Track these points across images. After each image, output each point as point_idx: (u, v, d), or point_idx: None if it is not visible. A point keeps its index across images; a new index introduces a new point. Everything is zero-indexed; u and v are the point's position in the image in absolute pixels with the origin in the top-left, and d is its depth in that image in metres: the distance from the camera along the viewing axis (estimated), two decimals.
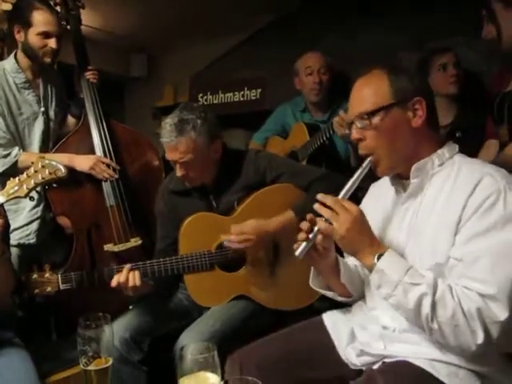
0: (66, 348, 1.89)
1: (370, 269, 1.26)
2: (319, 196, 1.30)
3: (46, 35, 2.27)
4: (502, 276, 1.14)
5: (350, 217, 1.24)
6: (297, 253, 1.32)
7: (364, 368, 1.36)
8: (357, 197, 1.43)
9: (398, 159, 1.34)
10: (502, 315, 1.12)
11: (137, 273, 1.78)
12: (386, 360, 1.31)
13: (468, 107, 2.45)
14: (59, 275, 1.80)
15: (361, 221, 1.27)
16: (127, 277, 1.76)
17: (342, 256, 1.51)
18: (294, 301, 1.95)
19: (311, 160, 2.58)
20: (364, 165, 1.35)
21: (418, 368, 1.23)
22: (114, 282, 1.77)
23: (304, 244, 1.31)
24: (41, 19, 2.26)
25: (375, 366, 1.33)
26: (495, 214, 1.17)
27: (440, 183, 1.30)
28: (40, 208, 2.44)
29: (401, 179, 1.40)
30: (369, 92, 1.33)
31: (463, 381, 1.21)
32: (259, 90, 3.76)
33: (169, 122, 1.85)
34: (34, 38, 2.27)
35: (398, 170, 1.38)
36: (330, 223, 1.26)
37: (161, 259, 1.87)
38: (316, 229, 1.30)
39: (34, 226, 2.43)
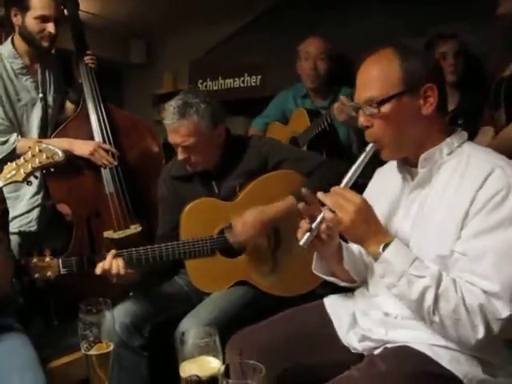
0: (66, 333, 1.89)
1: (376, 258, 1.24)
2: (319, 194, 1.27)
3: (43, 19, 2.23)
4: (506, 274, 1.13)
5: (354, 207, 1.22)
6: (301, 242, 1.30)
7: (365, 353, 1.36)
8: (357, 184, 1.40)
9: (405, 146, 1.31)
10: (504, 312, 1.12)
11: (120, 260, 1.75)
12: (388, 345, 1.31)
13: (470, 94, 2.43)
14: (59, 259, 1.79)
15: (365, 210, 1.24)
16: (111, 264, 1.74)
17: (346, 241, 1.49)
18: (296, 286, 1.95)
19: (312, 146, 2.56)
20: (367, 150, 1.31)
21: (419, 353, 1.23)
22: (98, 270, 1.75)
23: (308, 234, 1.30)
24: (39, 2, 2.21)
25: (376, 352, 1.33)
26: (504, 210, 1.15)
27: (448, 174, 1.27)
28: (40, 195, 2.43)
29: (408, 166, 1.36)
30: (378, 75, 1.26)
31: (465, 366, 1.21)
32: (259, 77, 3.74)
33: (172, 105, 1.84)
34: (31, 21, 2.23)
35: (404, 155, 1.34)
36: (334, 214, 1.23)
37: (162, 244, 1.86)
38: (319, 218, 1.29)
39: (35, 213, 2.42)
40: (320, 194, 1.26)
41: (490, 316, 1.13)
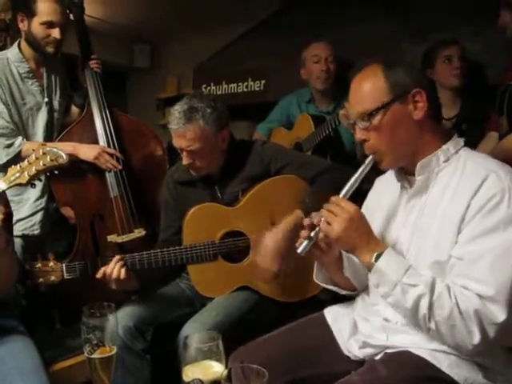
0: (70, 336, 1.90)
1: (369, 268, 1.26)
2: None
3: (49, 25, 2.24)
4: (502, 277, 1.14)
5: (347, 216, 1.25)
6: (299, 250, 1.33)
7: (366, 359, 1.37)
8: (361, 189, 1.42)
9: (402, 154, 1.33)
10: (501, 317, 1.12)
11: (122, 266, 1.75)
12: (388, 351, 1.32)
13: (473, 100, 2.44)
14: (63, 264, 1.80)
15: (358, 219, 1.27)
16: (113, 269, 1.74)
17: None
18: (298, 292, 1.95)
19: (316, 152, 2.57)
20: (366, 162, 1.34)
21: (419, 357, 1.24)
22: (99, 274, 1.75)
23: (306, 242, 1.33)
24: (45, 8, 2.22)
25: (377, 357, 1.34)
26: (498, 214, 1.17)
27: (446, 180, 1.29)
28: (44, 199, 2.44)
29: (406, 175, 1.39)
30: (366, 90, 1.31)
31: (464, 371, 1.21)
32: (263, 81, 3.74)
33: (178, 109, 1.84)
34: (37, 27, 2.24)
35: (402, 164, 1.37)
36: (329, 222, 1.26)
37: (165, 249, 1.87)
38: (317, 228, 1.31)
39: (38, 216, 2.42)
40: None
41: (485, 321, 1.13)
